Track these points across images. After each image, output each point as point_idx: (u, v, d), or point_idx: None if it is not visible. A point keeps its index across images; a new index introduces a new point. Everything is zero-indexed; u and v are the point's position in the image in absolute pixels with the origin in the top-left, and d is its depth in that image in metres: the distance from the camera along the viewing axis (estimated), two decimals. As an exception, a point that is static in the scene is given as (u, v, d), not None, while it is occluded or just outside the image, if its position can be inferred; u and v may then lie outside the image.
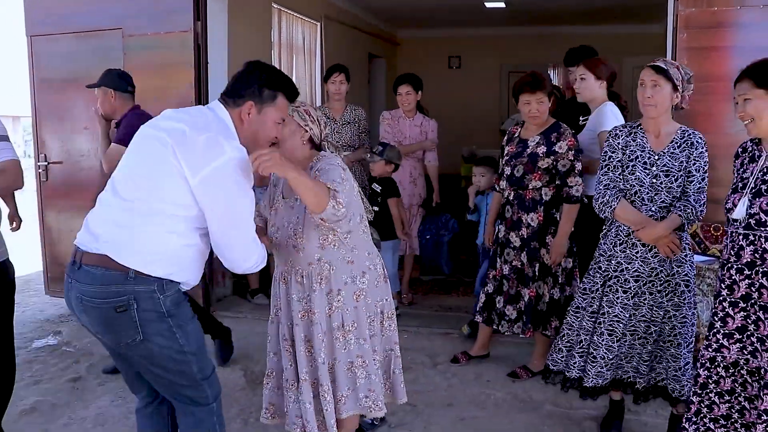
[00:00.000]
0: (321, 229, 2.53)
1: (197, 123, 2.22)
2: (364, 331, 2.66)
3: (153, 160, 2.20)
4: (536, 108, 3.63)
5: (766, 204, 2.32)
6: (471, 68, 10.63)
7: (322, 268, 2.59)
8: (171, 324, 2.23)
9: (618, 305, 2.98)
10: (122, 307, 2.15)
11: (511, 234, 3.76)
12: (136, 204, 2.18)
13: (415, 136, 5.15)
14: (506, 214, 3.81)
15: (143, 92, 4.91)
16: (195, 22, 4.78)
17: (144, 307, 2.17)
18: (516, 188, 3.73)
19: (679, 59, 3.83)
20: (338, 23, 8.33)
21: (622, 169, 2.98)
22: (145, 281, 2.17)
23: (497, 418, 3.43)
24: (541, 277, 3.72)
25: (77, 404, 3.61)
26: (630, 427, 3.26)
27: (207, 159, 2.14)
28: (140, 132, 2.33)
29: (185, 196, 2.15)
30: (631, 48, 9.08)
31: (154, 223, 2.17)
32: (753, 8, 3.81)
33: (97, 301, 2.17)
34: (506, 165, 3.77)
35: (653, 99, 2.88)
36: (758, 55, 2.42)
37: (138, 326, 2.17)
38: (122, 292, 2.15)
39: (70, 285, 2.24)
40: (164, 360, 2.25)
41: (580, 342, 3.11)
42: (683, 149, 2.89)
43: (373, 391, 2.69)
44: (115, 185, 2.27)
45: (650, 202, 2.91)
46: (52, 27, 5.13)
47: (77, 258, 2.21)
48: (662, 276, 2.94)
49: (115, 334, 2.21)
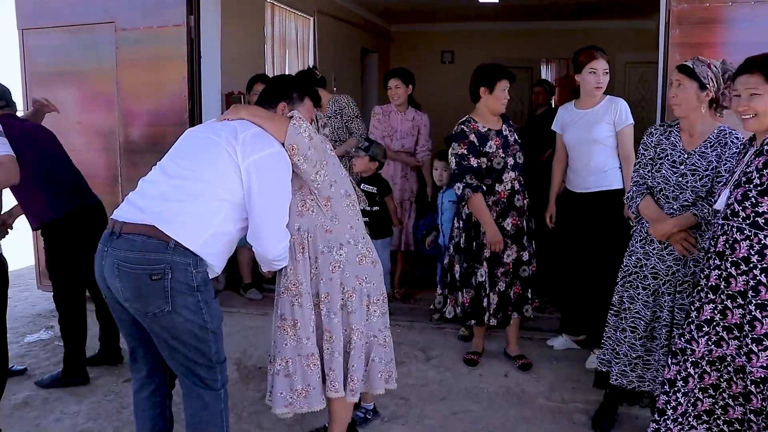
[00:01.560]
0: (300, 194, 2.60)
1: (244, 124, 2.48)
2: (336, 305, 2.66)
3: (206, 145, 2.43)
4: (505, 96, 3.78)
5: (741, 195, 2.34)
6: (464, 63, 10.60)
7: (302, 237, 2.64)
8: (199, 299, 2.35)
9: (639, 302, 3.01)
10: (157, 275, 2.26)
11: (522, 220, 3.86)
12: (186, 183, 2.37)
13: (406, 131, 5.14)
14: (516, 203, 3.79)
15: (136, 86, 4.92)
16: (188, 16, 4.76)
17: (177, 278, 2.29)
18: (520, 175, 3.82)
19: (671, 55, 3.85)
20: (331, 18, 8.32)
21: (651, 166, 3.00)
22: (183, 254, 2.30)
23: (490, 411, 3.44)
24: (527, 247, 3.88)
25: (70, 399, 3.60)
26: (621, 419, 3.28)
27: (258, 147, 2.40)
28: (187, 133, 2.58)
29: (234, 181, 2.38)
30: (622, 43, 9.12)
31: (200, 203, 2.35)
32: (745, 4, 3.83)
33: (134, 267, 2.27)
34: (508, 156, 3.74)
35: (677, 98, 2.89)
36: (750, 51, 2.41)
37: (168, 296, 2.28)
38: (160, 260, 2.27)
39: (105, 253, 2.34)
40: (186, 334, 2.35)
41: (609, 337, 3.17)
42: (715, 149, 2.86)
43: (333, 371, 2.67)
44: (164, 168, 2.46)
45: (674, 200, 2.91)
46: (44, 20, 5.10)
47: (116, 228, 2.33)
48: (680, 276, 2.93)
49: (144, 302, 2.29)
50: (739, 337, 2.37)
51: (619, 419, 3.28)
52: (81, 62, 5.04)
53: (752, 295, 2.31)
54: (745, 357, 2.34)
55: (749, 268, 2.32)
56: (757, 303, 2.30)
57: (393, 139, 5.11)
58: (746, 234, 2.33)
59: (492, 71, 3.75)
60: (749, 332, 2.32)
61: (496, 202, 3.74)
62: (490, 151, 3.71)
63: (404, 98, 5.11)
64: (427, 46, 10.69)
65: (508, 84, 3.72)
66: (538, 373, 3.87)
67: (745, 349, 2.34)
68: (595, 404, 3.36)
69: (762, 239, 2.30)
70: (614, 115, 3.76)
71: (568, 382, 3.75)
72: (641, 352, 3.03)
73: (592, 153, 3.79)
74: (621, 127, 3.75)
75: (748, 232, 2.32)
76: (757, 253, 2.30)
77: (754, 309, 2.31)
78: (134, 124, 4.94)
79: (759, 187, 2.30)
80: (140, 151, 4.92)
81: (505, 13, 9.39)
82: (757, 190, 2.30)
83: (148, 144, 4.91)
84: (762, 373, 2.30)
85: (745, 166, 2.40)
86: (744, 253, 2.34)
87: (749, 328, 2.32)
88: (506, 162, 3.75)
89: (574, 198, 3.94)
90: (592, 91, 3.79)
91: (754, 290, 2.31)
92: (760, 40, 3.54)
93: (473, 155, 3.67)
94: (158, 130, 4.88)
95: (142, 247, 2.26)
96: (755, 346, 2.31)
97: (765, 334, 2.29)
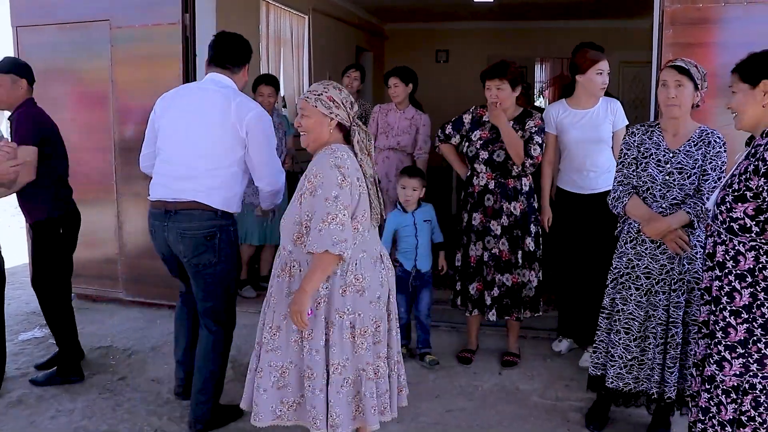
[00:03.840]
0: (298, 218, 2.57)
1: (227, 94, 3.12)
2: (318, 343, 2.55)
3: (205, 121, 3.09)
4: (495, 93, 3.76)
5: (720, 199, 2.34)
6: (459, 62, 10.64)
7: (291, 262, 2.61)
8: (234, 251, 3.18)
9: (632, 303, 3.01)
10: (210, 236, 3.05)
11: (492, 222, 3.84)
12: (206, 159, 3.05)
13: (403, 128, 5.14)
14: (486, 203, 3.86)
15: (131, 84, 4.91)
16: (183, 15, 4.75)
17: (223, 237, 3.09)
18: (498, 174, 3.81)
19: (665, 55, 3.87)
20: (326, 16, 8.32)
21: (636, 166, 3.00)
22: (227, 217, 3.12)
23: (484, 409, 3.46)
24: (525, 264, 3.83)
25: (64, 397, 3.60)
26: (614, 417, 3.31)
27: (246, 110, 3.07)
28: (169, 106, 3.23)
29: (238, 141, 3.06)
30: (617, 42, 9.14)
31: (223, 167, 3.06)
32: (737, 5, 3.85)
33: (196, 232, 3.05)
34: (482, 149, 3.82)
35: (678, 99, 2.89)
36: (743, 51, 2.44)
37: (216, 252, 3.09)
38: (213, 225, 3.06)
39: (165, 227, 3.09)
40: (222, 280, 3.15)
41: (602, 341, 3.14)
42: (699, 147, 2.90)
43: (315, 408, 2.56)
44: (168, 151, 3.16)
45: (662, 198, 2.93)
46: (38, 18, 5.09)
47: (170, 207, 3.07)
48: (675, 274, 2.94)
49: (199, 257, 3.08)
50: (710, 344, 2.37)
51: (613, 417, 3.30)
52: (76, 60, 5.02)
53: (727, 302, 2.30)
54: (716, 365, 2.32)
55: (724, 273, 2.31)
56: (732, 309, 2.28)
57: (388, 135, 5.11)
58: (722, 238, 2.32)
59: (483, 73, 3.86)
60: (722, 339, 2.30)
61: (470, 194, 3.92)
62: (474, 139, 3.86)
63: (404, 96, 5.10)
64: (422, 44, 10.69)
65: (489, 83, 3.78)
66: (532, 371, 3.89)
67: (716, 357, 2.32)
68: (588, 402, 3.38)
69: (736, 245, 2.28)
70: (614, 115, 3.80)
71: (562, 380, 3.77)
72: (636, 353, 3.03)
73: (602, 153, 3.81)
74: (618, 128, 3.79)
75: (724, 236, 2.31)
76: (732, 259, 2.29)
77: (729, 315, 2.29)
78: (129, 121, 4.93)
79: (735, 192, 2.27)
80: (135, 149, 4.88)
81: (499, 13, 9.39)
82: (733, 195, 2.27)
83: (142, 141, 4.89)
84: (734, 382, 2.29)
85: (735, 168, 2.39)
86: (720, 257, 2.33)
87: (722, 335, 2.30)
88: (479, 153, 3.83)
89: (576, 200, 3.91)
90: (597, 92, 3.82)
91: (729, 296, 2.29)
92: (752, 40, 3.52)
93: (453, 127, 4.00)
94: (153, 128, 4.87)
95: (200, 217, 3.03)
96: (728, 354, 2.29)
97: (739, 341, 2.27)
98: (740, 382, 2.28)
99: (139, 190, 4.84)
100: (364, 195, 2.59)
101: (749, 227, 2.23)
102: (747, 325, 2.26)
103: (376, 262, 2.66)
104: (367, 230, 2.63)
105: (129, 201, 4.38)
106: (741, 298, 2.27)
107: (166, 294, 5.00)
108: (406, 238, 4.00)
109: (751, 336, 2.25)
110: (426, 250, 4.03)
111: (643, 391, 3.08)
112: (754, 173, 2.21)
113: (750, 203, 2.22)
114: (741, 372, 2.28)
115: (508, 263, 3.85)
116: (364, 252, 2.62)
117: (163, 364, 3.99)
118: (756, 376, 2.26)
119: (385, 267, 2.72)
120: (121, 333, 4.52)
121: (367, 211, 2.61)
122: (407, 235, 3.99)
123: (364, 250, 2.61)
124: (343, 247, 2.43)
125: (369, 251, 2.64)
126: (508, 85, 3.76)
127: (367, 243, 2.63)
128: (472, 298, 3.96)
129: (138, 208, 4.77)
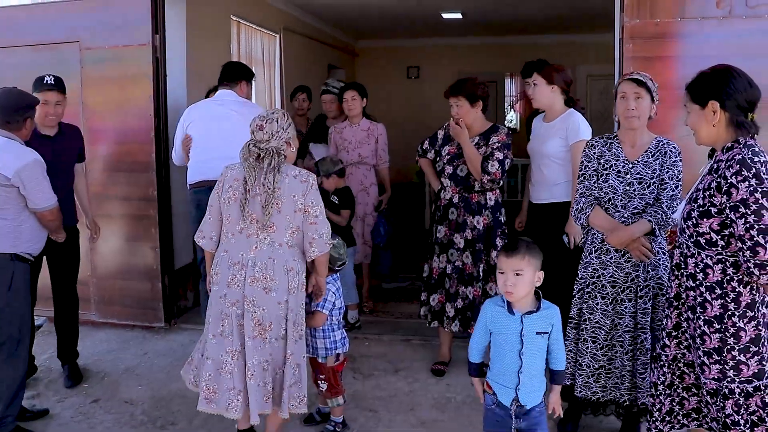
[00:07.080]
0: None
1: (239, 102, 4.31)
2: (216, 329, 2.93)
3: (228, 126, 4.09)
4: (456, 111, 3.88)
5: (686, 213, 2.41)
6: (430, 78, 10.75)
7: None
8: None
9: (598, 312, 3.06)
10: None
11: (456, 235, 3.93)
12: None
13: (361, 140, 5.17)
14: (450, 216, 3.94)
15: (101, 105, 4.91)
16: (153, 35, 4.78)
17: None
18: (461, 189, 3.91)
19: (626, 68, 3.97)
20: (297, 35, 8.38)
21: (597, 177, 3.08)
22: None
23: (458, 420, 3.49)
24: (486, 277, 3.90)
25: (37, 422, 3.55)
26: (586, 423, 3.36)
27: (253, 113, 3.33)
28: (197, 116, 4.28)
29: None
30: (584, 57, 9.34)
31: None
32: (692, 20, 3.97)
33: None
34: (448, 164, 3.94)
35: (637, 110, 2.97)
36: (699, 64, 2.50)
37: None
38: None
39: None
40: None
41: (570, 350, 3.16)
42: (657, 158, 2.98)
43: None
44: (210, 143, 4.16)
45: (623, 208, 3.00)
46: (9, 38, 5.06)
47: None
48: (640, 281, 3.00)
49: None
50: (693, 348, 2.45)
51: (584, 424, 3.35)
52: (46, 81, 5.01)
53: (700, 311, 2.37)
54: (699, 368, 2.41)
55: (696, 284, 2.39)
56: (705, 319, 2.36)
57: (348, 150, 5.15)
58: (692, 251, 2.39)
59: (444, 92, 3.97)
60: (700, 345, 2.38)
61: (438, 207, 4.05)
62: (443, 154, 3.99)
63: (359, 110, 5.18)
64: (394, 61, 10.80)
65: (451, 100, 3.89)
66: (505, 382, 3.93)
67: (698, 361, 2.41)
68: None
69: (704, 258, 2.35)
70: (565, 130, 3.79)
71: (534, 389, 3.81)
72: (603, 361, 3.08)
73: (547, 166, 3.85)
74: (573, 141, 3.74)
75: (693, 250, 2.38)
76: (701, 271, 2.36)
77: (703, 324, 2.37)
78: (100, 142, 4.92)
79: (700, 208, 2.34)
80: (106, 170, 4.91)
81: (469, 29, 9.53)
82: (698, 211, 2.34)
83: (113, 162, 4.90)
84: (714, 385, 2.36)
85: (699, 181, 2.44)
86: (691, 269, 2.40)
87: (700, 342, 2.38)
88: (444, 168, 3.97)
89: (534, 210, 4.03)
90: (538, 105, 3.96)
91: (701, 306, 2.37)
92: (708, 53, 3.66)
93: (429, 142, 4.15)
94: (124, 148, 4.87)
95: None
96: (707, 359, 2.37)
97: (714, 349, 2.34)
98: (719, 387, 2.35)
99: (109, 211, 4.84)
100: (233, 202, 2.93)
101: (715, 241, 2.31)
102: (719, 335, 2.34)
103: (233, 266, 2.91)
104: (232, 234, 2.93)
105: (101, 222, 4.37)
106: (712, 309, 2.35)
107: (138, 315, 4.99)
108: (503, 354, 2.56)
109: (725, 345, 2.33)
110: (535, 378, 2.56)
111: (611, 399, 3.14)
112: (717, 190, 2.28)
113: (715, 218, 2.30)
114: (719, 377, 2.35)
115: (471, 276, 3.92)
116: (225, 252, 2.95)
117: (137, 385, 3.97)
118: (734, 382, 2.33)
119: (246, 275, 2.90)
120: (93, 355, 4.49)
121: (233, 215, 2.92)
122: (507, 349, 2.55)
123: (226, 250, 2.95)
124: (199, 239, 3.04)
125: (230, 252, 2.93)
126: (465, 101, 3.85)
127: (231, 245, 2.94)
128: (433, 310, 4.05)
129: (111, 227, 4.76)
